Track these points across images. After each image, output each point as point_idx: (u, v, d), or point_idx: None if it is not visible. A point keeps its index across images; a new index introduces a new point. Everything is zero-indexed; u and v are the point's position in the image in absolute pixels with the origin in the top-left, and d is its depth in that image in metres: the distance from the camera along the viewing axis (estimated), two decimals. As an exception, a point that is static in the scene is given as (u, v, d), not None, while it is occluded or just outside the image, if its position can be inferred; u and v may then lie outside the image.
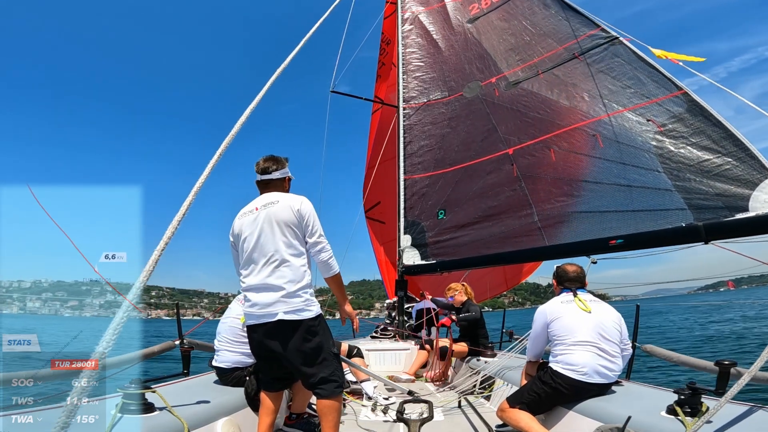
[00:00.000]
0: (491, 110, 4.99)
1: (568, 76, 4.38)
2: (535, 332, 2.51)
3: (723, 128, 3.25)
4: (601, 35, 4.25)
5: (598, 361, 2.19)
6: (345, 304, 2.27)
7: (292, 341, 1.94)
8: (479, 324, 4.45)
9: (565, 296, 2.49)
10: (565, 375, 2.20)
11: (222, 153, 1.70)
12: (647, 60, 3.84)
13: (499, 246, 4.42)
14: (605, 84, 4.04)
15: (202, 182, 1.58)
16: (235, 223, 2.14)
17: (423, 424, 2.22)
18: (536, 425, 2.17)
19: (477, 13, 5.59)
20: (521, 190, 4.40)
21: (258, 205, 2.08)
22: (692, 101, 3.45)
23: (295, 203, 2.04)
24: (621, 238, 3.37)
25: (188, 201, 1.51)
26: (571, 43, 4.45)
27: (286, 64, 2.34)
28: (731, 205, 2.99)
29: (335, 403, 1.97)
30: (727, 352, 8.78)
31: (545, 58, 4.63)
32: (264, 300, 1.95)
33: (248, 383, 2.47)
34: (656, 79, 3.72)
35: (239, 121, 1.89)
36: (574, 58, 4.36)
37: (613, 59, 4.08)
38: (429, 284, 7.74)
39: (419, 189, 5.44)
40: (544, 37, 4.74)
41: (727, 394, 1.52)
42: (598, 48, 4.22)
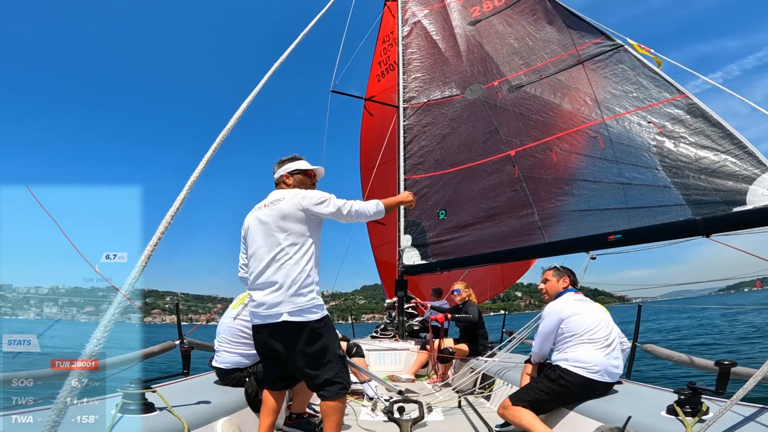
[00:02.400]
0: (493, 112, 5.00)
1: (571, 80, 4.41)
2: (546, 330, 2.48)
3: (721, 128, 3.29)
4: (607, 43, 4.29)
5: (608, 360, 2.21)
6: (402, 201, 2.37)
7: (296, 343, 1.92)
8: (478, 324, 4.46)
9: (575, 294, 2.52)
10: (574, 372, 2.19)
11: (218, 146, 1.70)
12: (650, 66, 3.89)
13: (499, 246, 4.43)
14: (608, 89, 4.08)
15: (197, 176, 1.57)
16: (246, 218, 2.17)
17: (414, 424, 2.22)
18: (539, 423, 2.16)
19: (478, 16, 5.60)
20: (522, 191, 4.42)
21: (267, 202, 2.11)
22: (692, 104, 3.49)
23: (297, 195, 2.05)
24: (620, 233, 3.40)
25: (182, 194, 1.50)
26: (574, 51, 4.48)
27: (282, 60, 2.32)
28: (729, 199, 3.02)
29: (339, 405, 1.95)
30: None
31: (548, 64, 4.65)
32: (269, 300, 1.93)
33: (248, 384, 2.47)
34: (659, 84, 3.76)
35: (235, 114, 1.88)
36: (578, 64, 4.39)
37: (617, 66, 4.12)
38: (426, 287, 7.74)
39: (420, 189, 5.44)
40: (548, 43, 4.76)
41: (734, 397, 1.49)
42: (602, 55, 4.26)
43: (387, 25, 8.43)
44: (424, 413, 2.29)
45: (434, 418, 2.94)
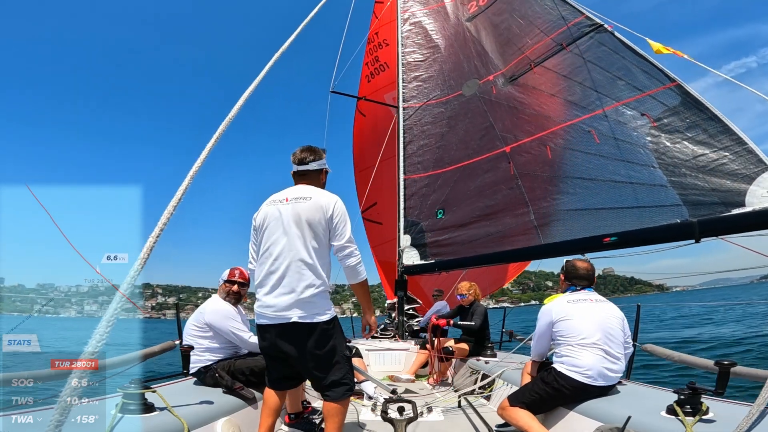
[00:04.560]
0: (488, 108, 4.97)
1: (559, 68, 4.29)
2: (539, 331, 2.48)
3: (719, 122, 3.16)
4: (586, 23, 4.12)
5: (603, 364, 2.18)
6: (369, 314, 2.20)
7: (306, 344, 1.89)
8: (482, 327, 4.41)
9: (570, 295, 2.46)
10: (568, 376, 2.19)
11: (218, 137, 1.72)
12: (634, 48, 3.74)
13: (496, 245, 4.41)
14: (595, 75, 3.94)
15: (197, 168, 1.59)
16: (262, 208, 2.04)
17: (409, 423, 2.21)
18: (536, 424, 2.17)
19: (475, 11, 5.58)
20: (518, 188, 4.38)
21: (289, 197, 1.98)
22: (686, 93, 3.37)
23: (328, 203, 1.95)
24: (615, 236, 3.31)
25: (184, 185, 1.52)
26: (557, 33, 4.37)
27: (277, 57, 2.33)
28: (727, 200, 2.91)
29: (343, 407, 1.95)
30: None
31: (534, 50, 4.55)
32: (279, 303, 1.88)
33: (219, 378, 2.49)
34: (646, 69, 3.62)
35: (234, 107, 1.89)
36: (563, 49, 4.26)
37: (599, 48, 3.97)
38: (427, 286, 7.74)
39: (418, 189, 5.44)
40: (532, 28, 4.65)
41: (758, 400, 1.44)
42: (584, 37, 4.10)
43: (373, 26, 8.47)
44: (417, 413, 2.28)
45: (434, 417, 2.94)
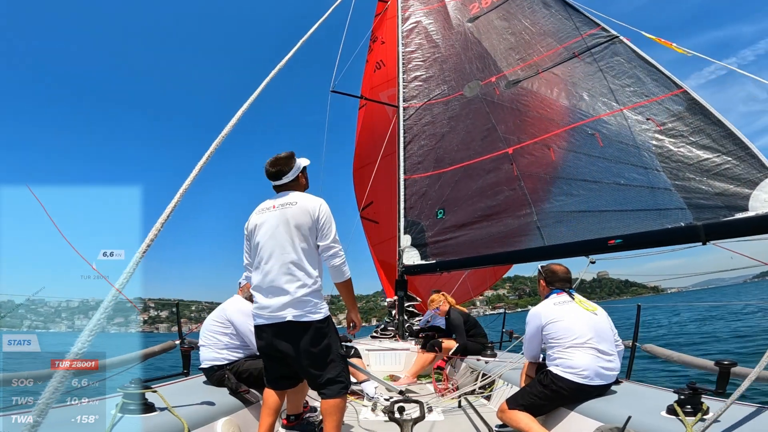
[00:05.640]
0: (491, 109, 4.97)
1: (567, 75, 4.36)
2: (529, 334, 2.48)
3: (723, 126, 3.22)
4: (602, 34, 4.24)
5: (598, 363, 2.19)
6: (353, 311, 2.26)
7: (301, 343, 1.95)
8: (468, 326, 4.44)
9: (557, 297, 2.45)
10: (565, 378, 2.18)
11: (219, 143, 1.72)
12: (647, 59, 3.83)
13: (498, 246, 4.40)
14: (605, 83, 4.03)
15: (197, 173, 1.59)
16: (251, 218, 2.12)
17: (416, 424, 2.22)
18: (536, 426, 2.16)
19: (477, 13, 5.58)
20: (520, 190, 4.38)
21: (276, 204, 2.07)
22: (692, 99, 3.43)
23: (314, 206, 2.03)
24: (620, 238, 3.35)
25: (183, 187, 1.51)
26: (570, 42, 4.44)
27: (283, 64, 2.35)
28: (731, 204, 2.96)
29: (340, 404, 1.98)
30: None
31: (545, 57, 4.61)
32: (274, 303, 1.95)
33: (227, 380, 2.52)
34: (656, 78, 3.71)
35: (237, 114, 1.89)
36: (574, 57, 4.35)
37: (612, 58, 4.07)
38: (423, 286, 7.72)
39: (419, 189, 5.43)
40: (544, 36, 4.72)
41: (733, 395, 1.50)
42: (598, 47, 4.21)
43: (377, 23, 8.48)
44: (425, 413, 2.29)
45: (434, 418, 2.94)
